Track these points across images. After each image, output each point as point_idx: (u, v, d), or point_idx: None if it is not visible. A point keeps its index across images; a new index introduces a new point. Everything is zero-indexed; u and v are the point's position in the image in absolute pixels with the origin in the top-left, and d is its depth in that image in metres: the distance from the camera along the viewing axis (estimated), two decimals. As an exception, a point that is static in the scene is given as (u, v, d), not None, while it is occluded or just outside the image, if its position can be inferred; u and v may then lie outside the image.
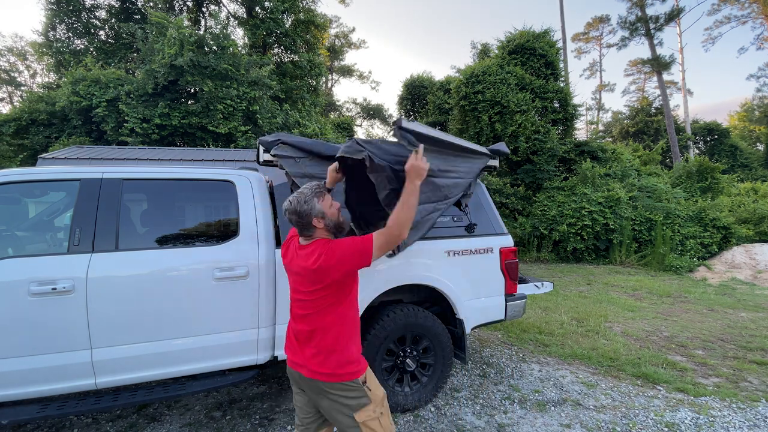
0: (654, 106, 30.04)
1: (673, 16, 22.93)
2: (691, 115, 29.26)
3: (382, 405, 1.59)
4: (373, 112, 36.30)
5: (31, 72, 24.45)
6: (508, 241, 3.22)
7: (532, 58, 13.15)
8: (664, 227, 9.88)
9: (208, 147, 10.95)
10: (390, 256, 2.61)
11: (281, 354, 2.50)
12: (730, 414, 2.86)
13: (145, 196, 2.61)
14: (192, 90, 11.89)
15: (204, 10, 17.01)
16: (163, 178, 2.50)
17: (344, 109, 36.13)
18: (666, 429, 2.67)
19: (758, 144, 31.13)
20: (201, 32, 12.74)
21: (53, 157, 6.94)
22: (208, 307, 2.32)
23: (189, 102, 12.06)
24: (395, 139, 1.93)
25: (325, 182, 1.87)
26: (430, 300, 3.17)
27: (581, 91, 77.39)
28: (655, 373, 3.49)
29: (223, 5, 17.38)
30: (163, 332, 2.22)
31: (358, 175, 2.14)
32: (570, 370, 3.64)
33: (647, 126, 28.83)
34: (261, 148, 2.55)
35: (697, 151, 26.17)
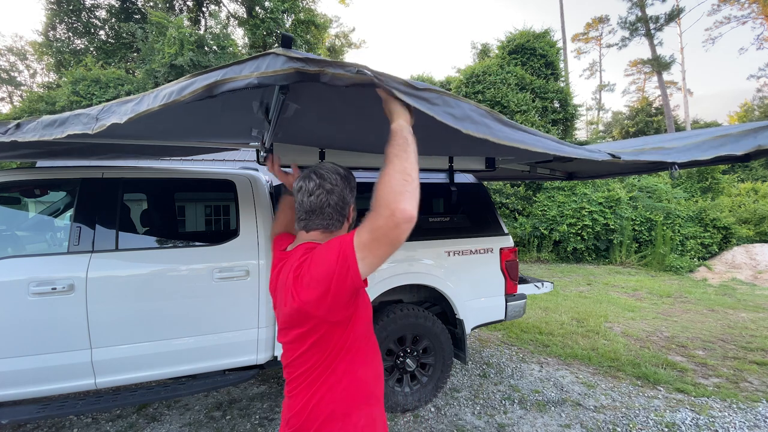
0: (654, 106, 30.01)
1: (673, 16, 22.93)
2: (690, 113, 29.24)
3: None
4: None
5: (31, 72, 24.43)
6: (508, 241, 3.22)
7: (532, 58, 13.17)
8: (665, 227, 9.88)
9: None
10: None
11: (281, 353, 2.49)
12: (730, 414, 2.86)
13: (145, 195, 2.61)
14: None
15: (204, 9, 17.00)
16: (163, 177, 2.50)
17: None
18: (666, 429, 2.67)
19: (758, 144, 30.97)
20: (201, 32, 12.75)
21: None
22: (208, 307, 2.32)
23: (189, 102, 12.04)
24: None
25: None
26: (431, 300, 3.17)
27: (581, 91, 77.35)
28: (655, 373, 3.48)
29: (223, 5, 17.38)
30: (163, 332, 2.22)
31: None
32: (570, 370, 3.64)
33: (647, 126, 28.80)
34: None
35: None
